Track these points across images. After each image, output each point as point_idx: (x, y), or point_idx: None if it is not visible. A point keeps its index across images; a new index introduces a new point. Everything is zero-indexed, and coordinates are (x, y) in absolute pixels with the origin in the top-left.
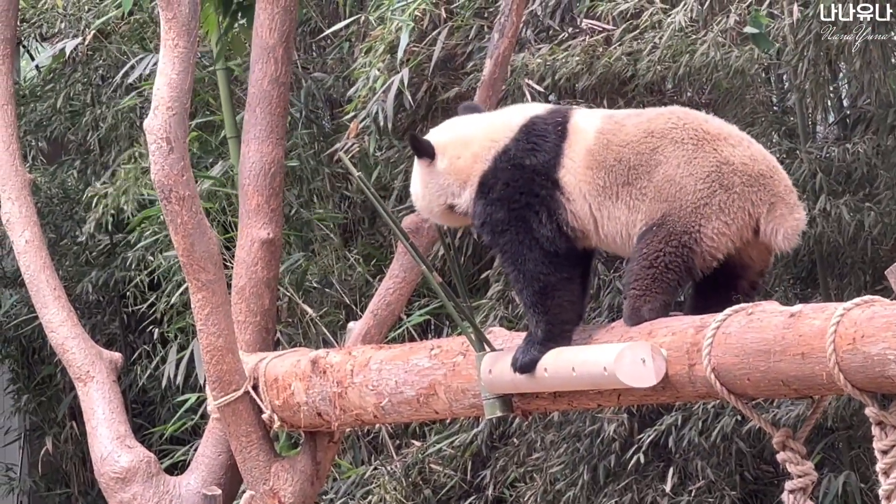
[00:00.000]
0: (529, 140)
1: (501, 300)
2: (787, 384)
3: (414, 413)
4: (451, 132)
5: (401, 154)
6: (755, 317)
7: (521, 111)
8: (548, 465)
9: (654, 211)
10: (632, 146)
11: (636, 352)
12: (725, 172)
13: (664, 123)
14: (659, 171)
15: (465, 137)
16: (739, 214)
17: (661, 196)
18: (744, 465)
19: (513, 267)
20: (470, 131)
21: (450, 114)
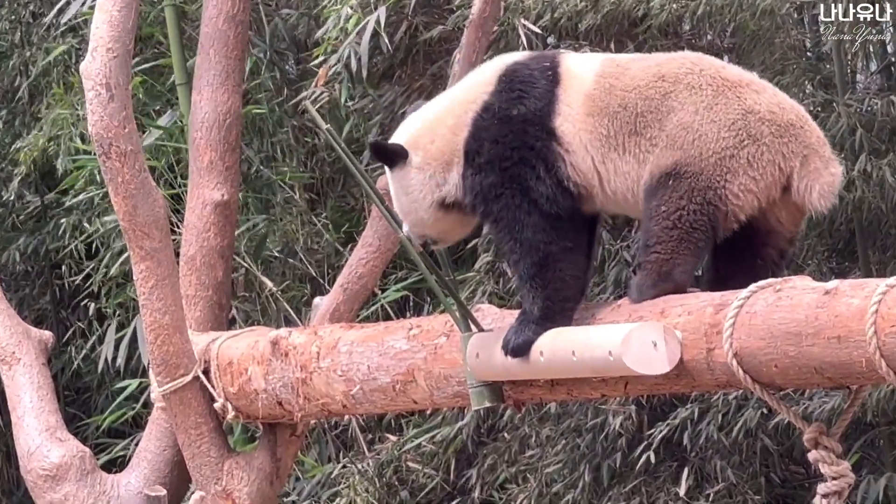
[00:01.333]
0: (513, 88)
1: (491, 273)
2: (820, 372)
3: (389, 403)
4: (414, 123)
5: (376, 104)
6: (784, 294)
7: (493, 64)
8: (543, 465)
9: (665, 159)
10: (639, 91)
11: (646, 334)
12: (752, 121)
13: (677, 68)
14: (672, 118)
15: (434, 117)
16: (769, 169)
17: (675, 144)
18: (770, 466)
19: (508, 236)
20: (437, 110)
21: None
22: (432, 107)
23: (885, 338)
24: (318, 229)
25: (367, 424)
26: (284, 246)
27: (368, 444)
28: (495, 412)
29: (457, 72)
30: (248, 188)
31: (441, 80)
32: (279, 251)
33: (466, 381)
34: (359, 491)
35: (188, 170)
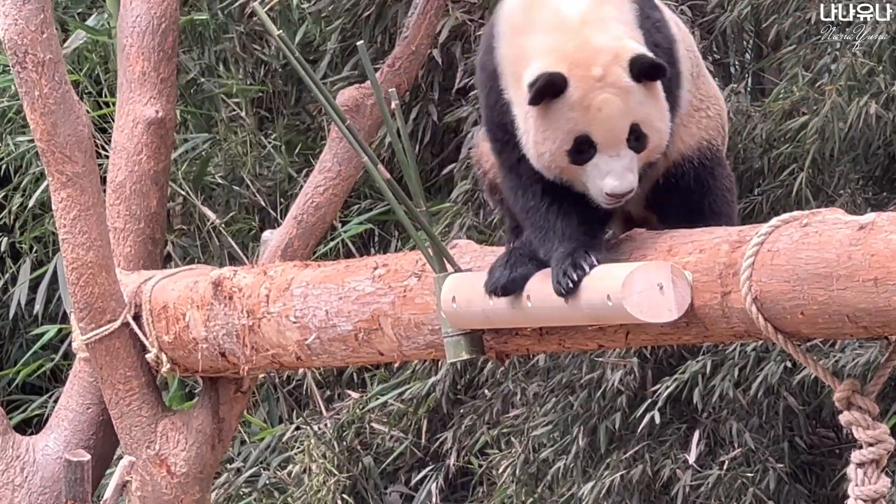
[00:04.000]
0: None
1: (469, 204)
2: (854, 320)
3: (351, 354)
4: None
5: (336, 6)
6: (812, 229)
7: None
8: (530, 427)
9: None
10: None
11: (651, 275)
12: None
13: None
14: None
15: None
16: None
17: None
18: (794, 429)
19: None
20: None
21: None
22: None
23: None
24: (268, 152)
25: (324, 379)
26: (229, 171)
27: (326, 403)
28: (474, 365)
29: None
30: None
31: None
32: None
33: (441, 329)
34: (315, 456)
35: (116, 83)
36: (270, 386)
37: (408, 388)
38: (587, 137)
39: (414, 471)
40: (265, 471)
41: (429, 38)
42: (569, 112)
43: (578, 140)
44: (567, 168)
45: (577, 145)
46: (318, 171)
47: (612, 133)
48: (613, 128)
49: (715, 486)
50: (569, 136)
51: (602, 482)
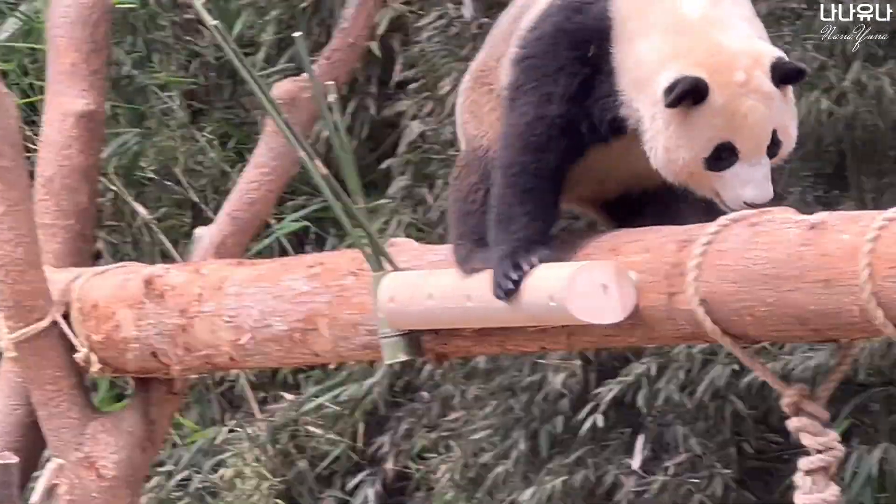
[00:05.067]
0: None
1: (408, 200)
2: (803, 322)
3: (286, 355)
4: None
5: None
6: (761, 228)
7: None
8: (469, 430)
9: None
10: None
11: (595, 275)
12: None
13: None
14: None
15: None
16: None
17: None
18: (742, 434)
19: None
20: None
21: None
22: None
23: (882, 281)
24: (201, 146)
25: (258, 381)
26: (161, 166)
27: (260, 405)
28: (412, 367)
29: None
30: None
31: None
32: (154, 172)
33: (378, 329)
34: (248, 459)
35: (45, 74)
36: (203, 387)
37: (344, 391)
38: (730, 145)
39: (350, 475)
40: (197, 474)
41: (367, 31)
42: (711, 119)
43: (719, 147)
44: (700, 174)
45: (717, 153)
46: (253, 166)
47: (756, 141)
48: (759, 136)
49: (660, 492)
50: (710, 143)
51: (543, 488)
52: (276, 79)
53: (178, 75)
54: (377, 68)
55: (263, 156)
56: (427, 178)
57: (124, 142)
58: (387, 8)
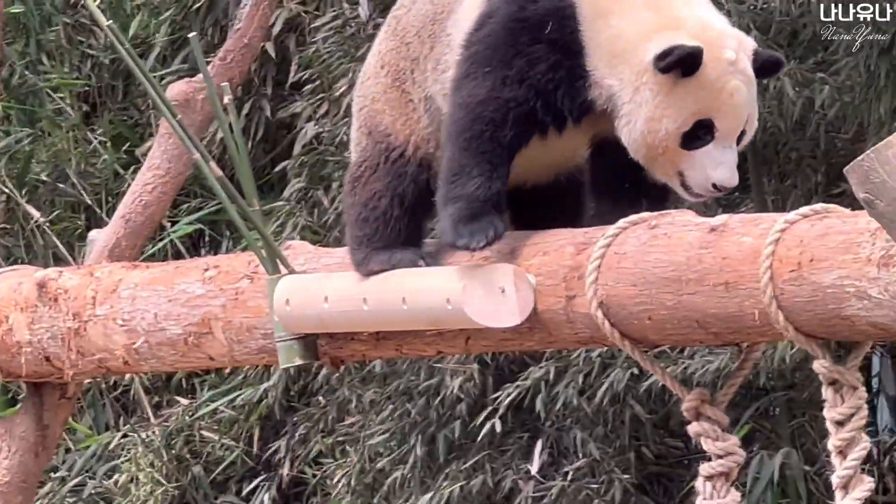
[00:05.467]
0: None
1: (303, 202)
2: (703, 326)
3: (180, 359)
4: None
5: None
6: (661, 231)
7: None
8: (366, 435)
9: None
10: None
11: (493, 278)
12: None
13: None
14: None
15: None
16: None
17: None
18: (641, 439)
19: None
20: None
21: None
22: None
23: (784, 285)
24: (94, 148)
25: (152, 385)
26: (54, 168)
27: (154, 409)
28: (308, 371)
29: None
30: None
31: None
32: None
33: (274, 333)
34: (142, 465)
35: None
36: (97, 391)
37: (239, 395)
38: (709, 122)
39: (245, 480)
40: (91, 480)
41: (262, 31)
42: (698, 92)
43: (699, 124)
44: (673, 151)
45: (694, 129)
46: (147, 168)
47: (735, 123)
48: (738, 117)
49: (558, 497)
50: (692, 117)
51: (441, 493)
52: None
53: (71, 77)
54: (272, 69)
55: (157, 158)
56: (323, 181)
57: (16, 142)
58: (282, 8)
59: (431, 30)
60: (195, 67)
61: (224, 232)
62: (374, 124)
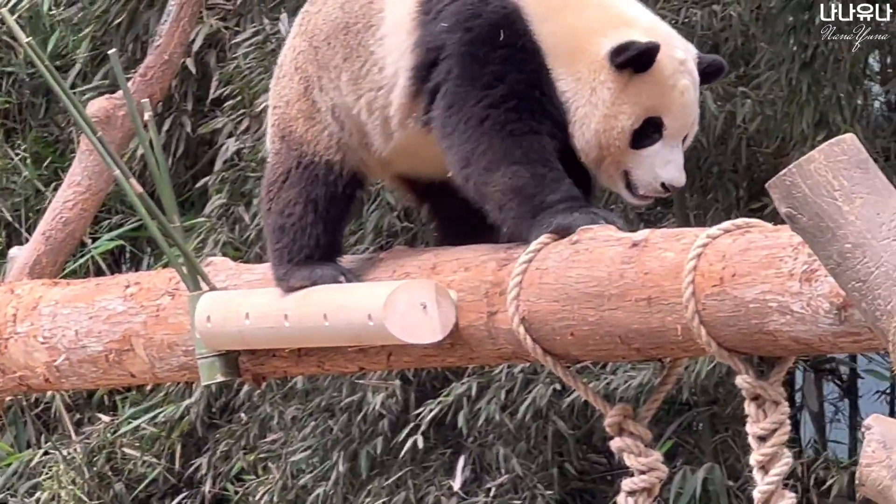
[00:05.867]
0: None
1: (224, 219)
2: (626, 341)
3: (101, 376)
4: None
5: (86, 13)
6: (583, 246)
7: None
8: (288, 451)
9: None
10: None
11: (414, 294)
12: None
13: None
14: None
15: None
16: None
17: None
18: (564, 455)
19: None
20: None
21: None
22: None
23: (706, 300)
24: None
25: (74, 402)
26: None
27: (76, 426)
28: (230, 388)
29: None
30: None
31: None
32: None
33: (195, 350)
34: (64, 482)
35: None
36: (18, 409)
37: (161, 412)
38: (658, 121)
39: (167, 497)
40: (12, 497)
41: (182, 47)
42: (651, 89)
43: (648, 121)
44: (622, 151)
45: (644, 127)
46: (68, 185)
47: (684, 122)
48: (686, 117)
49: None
50: (644, 113)
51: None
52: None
53: None
54: (193, 85)
55: (78, 174)
56: (244, 197)
57: None
58: (202, 24)
59: (344, 39)
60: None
61: (145, 248)
62: (289, 130)
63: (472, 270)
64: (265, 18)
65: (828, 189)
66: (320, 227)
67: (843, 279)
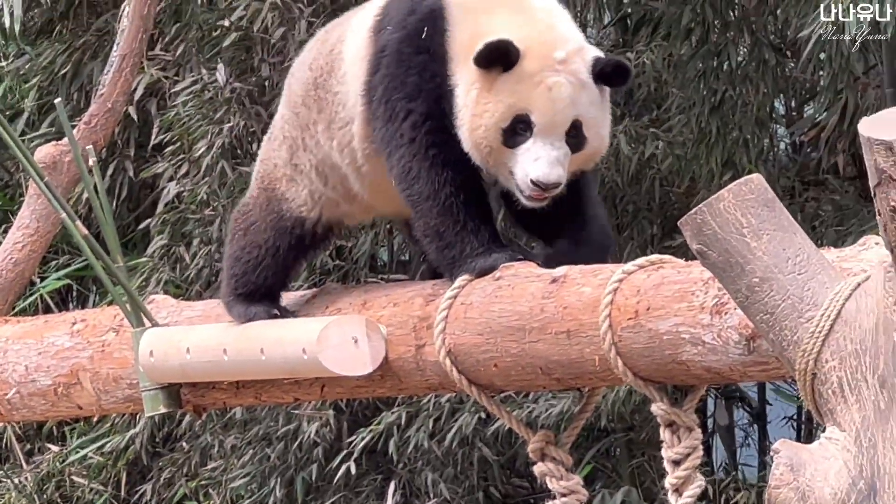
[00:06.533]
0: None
1: (166, 259)
2: (547, 372)
3: (50, 408)
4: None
5: (33, 64)
6: (505, 282)
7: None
8: (228, 478)
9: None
10: None
11: (346, 329)
12: None
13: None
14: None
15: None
16: None
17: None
18: (489, 479)
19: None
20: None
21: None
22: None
23: (622, 332)
24: None
25: (24, 433)
26: None
27: (26, 456)
28: (172, 418)
29: (125, 26)
30: None
31: (108, 35)
32: None
33: (139, 383)
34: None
35: None
36: None
37: (107, 441)
38: (527, 118)
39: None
40: None
41: (124, 96)
42: (515, 85)
43: (517, 119)
44: (497, 150)
45: (513, 124)
46: (17, 227)
47: (553, 118)
48: (557, 113)
49: None
50: (509, 110)
51: None
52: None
53: None
54: (135, 132)
55: (27, 217)
56: (184, 238)
57: None
58: (143, 73)
59: (315, 94)
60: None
61: (91, 287)
62: (273, 187)
63: (400, 306)
64: (203, 68)
65: (736, 226)
66: (271, 271)
67: (752, 311)
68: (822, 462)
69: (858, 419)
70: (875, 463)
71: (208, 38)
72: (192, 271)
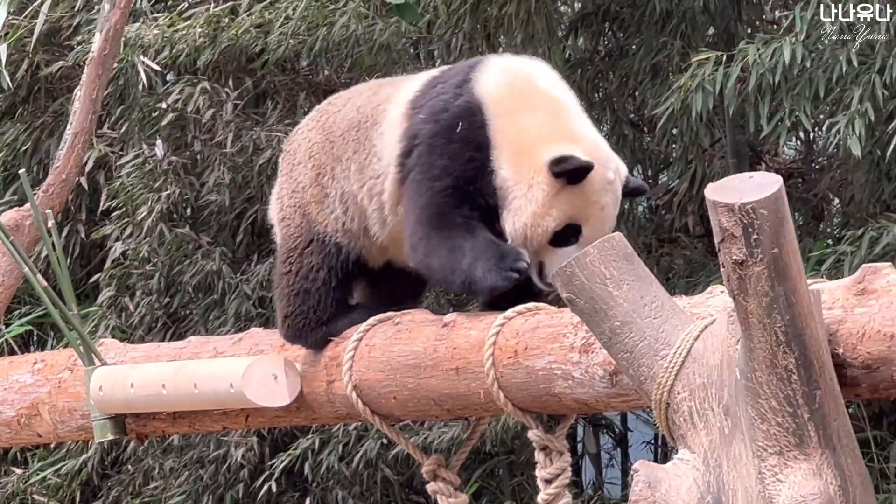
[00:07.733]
0: None
1: (113, 307)
2: (439, 403)
3: (14, 436)
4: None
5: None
6: (403, 326)
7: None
8: (167, 496)
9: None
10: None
11: (267, 366)
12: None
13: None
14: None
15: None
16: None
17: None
18: (391, 496)
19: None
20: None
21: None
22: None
23: (503, 369)
24: None
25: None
26: None
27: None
28: (119, 444)
29: (77, 108)
30: None
31: (62, 116)
32: None
33: (90, 414)
34: None
35: None
36: None
37: (63, 465)
38: (579, 228)
39: None
40: None
41: (77, 168)
42: (577, 199)
43: (570, 227)
44: (542, 245)
45: (565, 230)
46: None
47: (599, 232)
48: (603, 228)
49: None
50: (566, 219)
51: None
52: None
53: None
54: (86, 199)
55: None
56: (129, 289)
57: None
58: (93, 149)
59: (356, 135)
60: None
61: (49, 332)
62: (306, 211)
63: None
64: (144, 144)
65: (601, 277)
66: (339, 291)
67: (614, 351)
68: (675, 479)
69: (706, 442)
70: (720, 480)
71: (148, 118)
72: (135, 318)
